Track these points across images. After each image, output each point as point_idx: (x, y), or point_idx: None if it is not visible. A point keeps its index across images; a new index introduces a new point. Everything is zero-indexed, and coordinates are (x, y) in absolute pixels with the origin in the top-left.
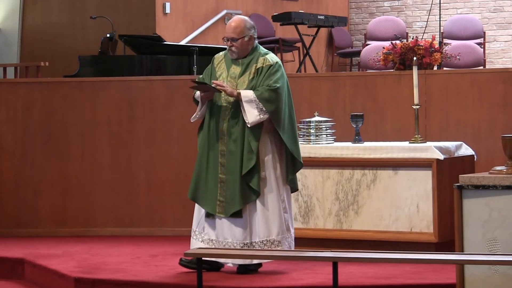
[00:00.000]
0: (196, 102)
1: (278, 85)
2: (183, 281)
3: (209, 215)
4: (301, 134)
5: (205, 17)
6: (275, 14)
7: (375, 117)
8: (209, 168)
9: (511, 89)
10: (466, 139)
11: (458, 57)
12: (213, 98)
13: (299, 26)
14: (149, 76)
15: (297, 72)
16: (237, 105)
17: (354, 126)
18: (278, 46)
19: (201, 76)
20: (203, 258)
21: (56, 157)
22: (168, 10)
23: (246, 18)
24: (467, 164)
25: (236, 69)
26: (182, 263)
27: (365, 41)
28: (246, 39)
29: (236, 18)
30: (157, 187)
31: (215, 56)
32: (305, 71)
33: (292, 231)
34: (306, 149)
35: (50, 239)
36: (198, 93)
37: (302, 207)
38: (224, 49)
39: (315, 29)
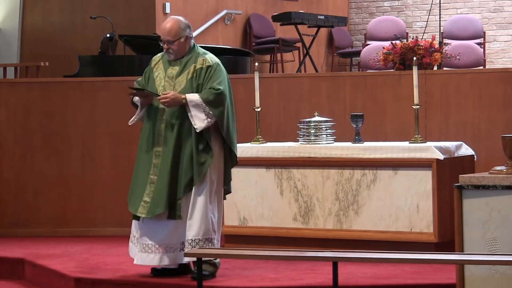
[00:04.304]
0: (135, 105)
1: (221, 87)
2: (183, 281)
3: (136, 217)
4: (301, 134)
5: (205, 17)
6: (275, 14)
7: (375, 117)
8: (141, 169)
9: (511, 89)
10: (466, 139)
11: (458, 57)
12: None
13: (299, 26)
14: None
15: (297, 72)
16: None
17: (354, 126)
18: (278, 46)
19: (139, 78)
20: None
21: (56, 157)
22: (168, 10)
23: (181, 18)
24: (467, 164)
25: (173, 69)
26: (154, 273)
27: (365, 41)
28: (182, 40)
29: (170, 19)
30: None
31: (153, 57)
32: (305, 71)
33: (219, 232)
34: (306, 149)
35: (50, 239)
36: (136, 98)
37: (302, 207)
38: (226, 49)
39: (315, 29)
